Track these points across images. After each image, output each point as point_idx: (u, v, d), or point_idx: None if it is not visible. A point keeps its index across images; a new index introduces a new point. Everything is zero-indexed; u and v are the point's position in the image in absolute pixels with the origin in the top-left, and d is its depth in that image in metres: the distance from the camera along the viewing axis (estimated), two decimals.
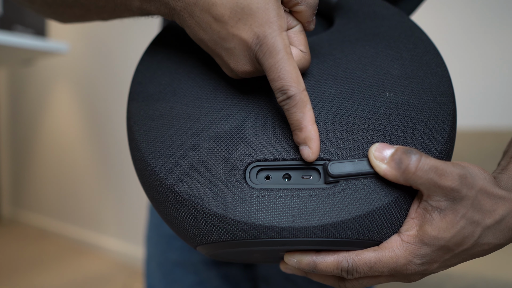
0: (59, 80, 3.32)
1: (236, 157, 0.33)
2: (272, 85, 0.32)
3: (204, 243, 0.34)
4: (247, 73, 0.34)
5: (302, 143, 0.32)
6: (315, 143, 0.31)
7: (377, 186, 0.32)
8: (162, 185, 0.34)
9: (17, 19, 1.42)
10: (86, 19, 0.44)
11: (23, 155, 3.76)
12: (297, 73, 0.31)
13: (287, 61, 0.31)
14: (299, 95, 0.31)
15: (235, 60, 0.34)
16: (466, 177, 0.30)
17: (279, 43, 0.31)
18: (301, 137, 0.32)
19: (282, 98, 0.31)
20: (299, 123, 0.31)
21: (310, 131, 0.31)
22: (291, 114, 0.31)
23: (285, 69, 0.31)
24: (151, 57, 0.41)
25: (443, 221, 0.30)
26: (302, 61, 0.34)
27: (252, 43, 0.32)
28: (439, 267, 0.33)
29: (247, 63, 0.33)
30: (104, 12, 0.41)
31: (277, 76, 0.31)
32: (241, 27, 0.32)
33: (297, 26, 0.35)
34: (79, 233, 3.17)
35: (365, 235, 0.31)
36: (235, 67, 0.34)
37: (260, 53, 0.31)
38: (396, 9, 0.44)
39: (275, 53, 0.31)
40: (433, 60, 0.39)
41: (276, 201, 0.31)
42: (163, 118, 0.36)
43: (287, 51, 0.31)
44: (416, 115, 0.35)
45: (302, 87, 0.31)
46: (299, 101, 0.31)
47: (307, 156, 0.32)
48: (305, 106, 0.31)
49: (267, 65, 0.31)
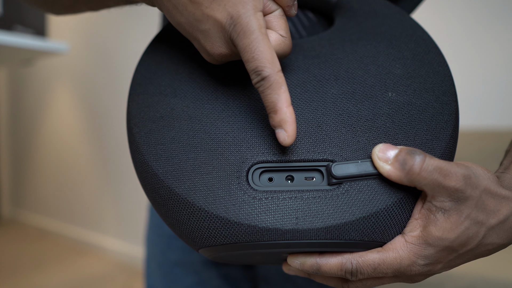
0: (59, 80, 3.32)
1: (238, 159, 0.33)
2: (246, 66, 0.31)
3: (206, 246, 0.33)
4: (223, 55, 0.34)
5: (278, 126, 0.31)
6: (290, 126, 0.30)
7: (380, 187, 0.31)
8: (164, 187, 0.33)
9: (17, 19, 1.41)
10: (76, 10, 0.44)
11: (23, 155, 3.76)
12: (272, 53, 0.30)
13: (262, 41, 0.30)
14: (273, 76, 0.30)
15: (211, 42, 0.33)
16: (470, 177, 0.30)
17: (253, 23, 0.30)
18: (276, 119, 0.31)
19: (256, 79, 0.30)
20: (274, 105, 0.30)
21: (285, 113, 0.30)
22: (266, 96, 0.30)
23: (259, 49, 0.30)
24: (151, 57, 0.41)
25: (447, 221, 0.30)
26: (281, 45, 0.34)
27: (226, 24, 0.31)
28: (443, 268, 0.33)
29: (223, 45, 0.33)
30: (91, 1, 0.42)
31: (251, 57, 0.30)
32: (215, 8, 0.31)
33: (277, 11, 0.34)
34: (79, 233, 3.17)
35: (369, 236, 0.31)
36: (211, 49, 0.33)
37: (234, 33, 0.31)
38: (397, 7, 0.44)
39: (249, 33, 0.30)
40: (435, 59, 0.38)
41: (279, 203, 0.31)
42: (164, 119, 0.36)
43: (262, 31, 0.30)
44: (419, 115, 0.34)
45: (277, 68, 0.30)
46: (273, 82, 0.30)
47: (283, 140, 0.30)
48: (280, 87, 0.30)
49: (241, 45, 0.31)
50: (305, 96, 0.36)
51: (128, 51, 2.75)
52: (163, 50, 0.41)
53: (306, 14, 0.47)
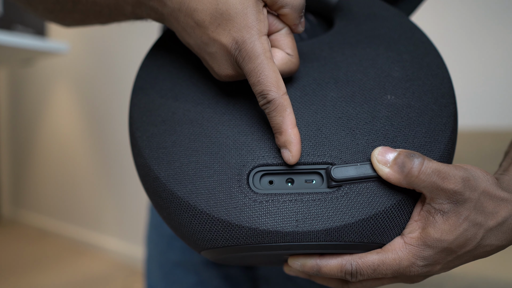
0: (59, 80, 3.32)
1: (239, 162, 0.33)
2: (253, 89, 0.32)
3: (208, 248, 0.34)
4: (229, 76, 0.34)
5: (283, 146, 0.32)
6: (295, 147, 0.31)
7: (380, 189, 0.32)
8: (166, 191, 0.34)
9: (17, 19, 1.42)
10: (87, 23, 0.45)
11: (23, 155, 3.76)
12: (277, 77, 0.31)
13: (267, 65, 0.31)
14: (278, 100, 0.31)
15: (218, 64, 0.34)
16: (469, 179, 0.30)
17: (258, 48, 0.31)
18: (281, 140, 0.32)
19: (262, 102, 0.32)
20: (279, 127, 0.32)
21: (290, 134, 0.31)
22: (272, 118, 0.32)
23: (264, 73, 0.31)
24: (152, 62, 0.41)
25: (446, 223, 0.30)
26: (288, 64, 0.34)
27: (232, 48, 0.32)
28: (442, 269, 0.33)
29: (229, 67, 0.34)
30: (101, 17, 0.43)
31: (257, 81, 0.31)
32: (221, 32, 0.32)
33: (284, 29, 0.35)
34: (79, 233, 3.17)
35: (369, 238, 0.32)
36: (218, 71, 0.34)
37: (240, 58, 0.32)
38: (396, 10, 0.44)
39: (254, 58, 0.31)
40: (433, 61, 0.39)
41: (279, 206, 0.31)
42: (166, 124, 0.36)
43: (267, 55, 0.31)
44: (418, 118, 0.35)
45: (282, 91, 0.31)
46: (278, 105, 0.31)
47: (287, 159, 0.32)
48: (284, 110, 0.31)
49: (247, 70, 0.31)
50: (305, 99, 0.36)
51: (128, 51, 2.75)
52: (164, 54, 0.42)
53: (306, 16, 0.47)
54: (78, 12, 0.43)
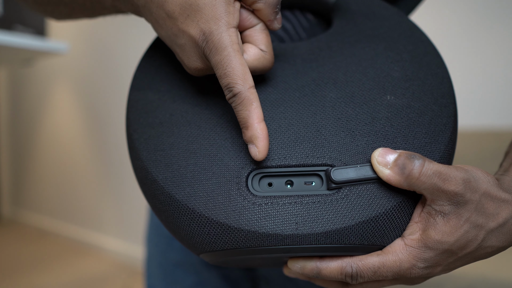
0: (59, 80, 3.31)
1: (238, 165, 0.33)
2: (219, 82, 0.31)
3: (207, 251, 0.34)
4: (199, 70, 0.34)
5: (249, 142, 0.31)
6: (261, 142, 0.31)
7: (380, 191, 0.31)
8: (164, 194, 0.33)
9: (17, 19, 1.41)
10: (74, 17, 0.46)
11: (23, 155, 3.76)
12: (244, 70, 0.31)
13: (234, 57, 0.30)
14: (244, 93, 0.30)
15: (187, 56, 0.34)
16: (470, 181, 0.30)
17: (225, 40, 0.31)
18: (247, 135, 0.31)
19: (228, 96, 0.31)
20: (245, 121, 0.31)
21: (256, 129, 0.31)
22: (238, 112, 0.31)
23: (231, 66, 0.30)
24: (149, 63, 0.41)
25: (447, 225, 0.30)
26: (261, 60, 0.34)
27: (199, 40, 0.32)
28: (443, 270, 0.33)
29: (198, 60, 0.33)
30: (85, 10, 0.43)
31: (223, 73, 0.31)
32: (190, 23, 0.32)
33: (258, 25, 0.34)
34: (79, 233, 3.17)
35: (369, 240, 0.31)
36: (188, 63, 0.34)
37: (207, 49, 0.31)
38: (395, 9, 0.44)
39: (220, 49, 0.31)
40: (433, 61, 0.38)
41: (279, 208, 0.31)
42: (163, 125, 0.36)
43: (234, 47, 0.31)
44: (418, 118, 0.34)
45: (248, 85, 0.30)
46: (244, 98, 0.30)
47: (254, 155, 0.31)
48: (251, 104, 0.31)
49: (214, 61, 0.31)
50: (304, 100, 0.36)
51: (128, 51, 2.74)
52: (161, 55, 0.41)
53: (305, 15, 0.46)
54: (63, 5, 0.44)
